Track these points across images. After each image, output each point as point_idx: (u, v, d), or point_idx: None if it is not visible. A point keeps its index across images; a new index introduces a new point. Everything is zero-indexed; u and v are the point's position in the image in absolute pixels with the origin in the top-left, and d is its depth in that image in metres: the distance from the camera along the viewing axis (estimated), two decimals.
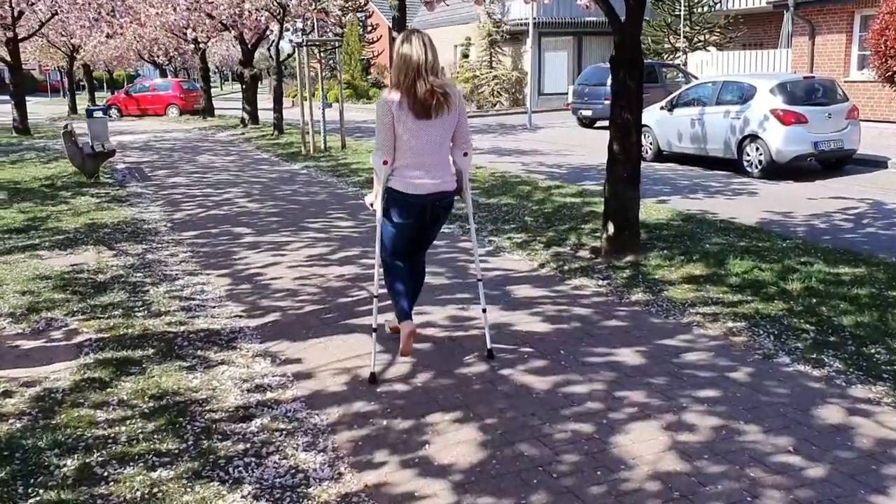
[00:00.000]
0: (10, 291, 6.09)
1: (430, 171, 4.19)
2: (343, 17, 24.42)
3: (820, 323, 5.00)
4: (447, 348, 4.77)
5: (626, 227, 6.94)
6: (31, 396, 4.08)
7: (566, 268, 6.56)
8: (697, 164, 13.22)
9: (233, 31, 22.18)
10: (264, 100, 28.13)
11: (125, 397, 4.05)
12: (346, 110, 17.75)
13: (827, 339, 4.72)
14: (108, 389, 4.15)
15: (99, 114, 14.46)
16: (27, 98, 51.10)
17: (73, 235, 8.20)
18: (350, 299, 5.80)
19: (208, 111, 29.65)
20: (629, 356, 4.57)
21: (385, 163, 4.19)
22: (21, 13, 20.84)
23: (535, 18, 26.42)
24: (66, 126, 13.21)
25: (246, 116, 23.85)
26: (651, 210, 8.76)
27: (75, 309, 5.60)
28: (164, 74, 41.92)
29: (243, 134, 21.88)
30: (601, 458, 3.38)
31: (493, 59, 32.81)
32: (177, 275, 6.60)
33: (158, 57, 37.23)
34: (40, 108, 39.69)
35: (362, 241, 7.76)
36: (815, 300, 5.43)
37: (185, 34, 24.44)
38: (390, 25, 45.61)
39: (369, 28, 45.58)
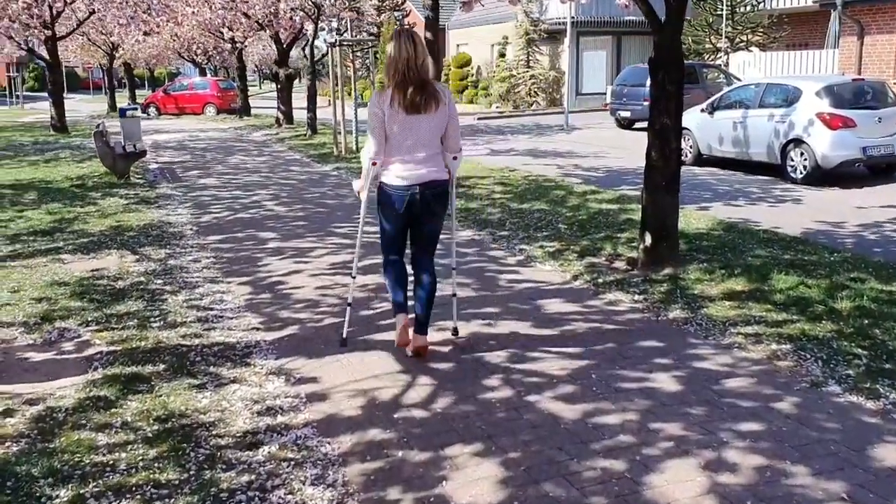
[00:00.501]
0: (26, 298, 5.95)
1: (419, 163, 4.40)
2: (379, 17, 24.19)
3: (873, 347, 4.65)
4: (470, 368, 4.50)
5: (663, 238, 6.61)
6: (32, 416, 3.90)
7: (600, 280, 6.26)
8: (738, 169, 12.79)
9: (268, 31, 22.14)
10: (300, 99, 28.03)
11: (129, 419, 3.84)
12: None
13: (882, 366, 4.37)
14: (113, 410, 3.95)
15: (132, 113, 14.39)
16: (70, 95, 51.94)
17: (97, 239, 8.08)
18: (372, 312, 5.56)
19: (244, 110, 29.71)
20: (666, 381, 4.26)
21: (374, 163, 4.44)
22: (60, 12, 20.99)
23: (573, 18, 26.05)
24: (98, 125, 13.19)
25: (280, 116, 23.81)
26: (690, 218, 8.40)
27: (90, 318, 5.43)
28: (203, 73, 42.19)
29: (277, 134, 21.82)
30: (633, 502, 3.09)
31: (530, 58, 32.45)
32: (197, 282, 6.42)
33: (197, 56, 37.46)
34: (82, 106, 40.24)
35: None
36: (867, 321, 5.06)
37: (222, 33, 24.50)
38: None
39: (407, 27, 45.40)
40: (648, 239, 6.61)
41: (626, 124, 21.87)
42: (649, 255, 6.61)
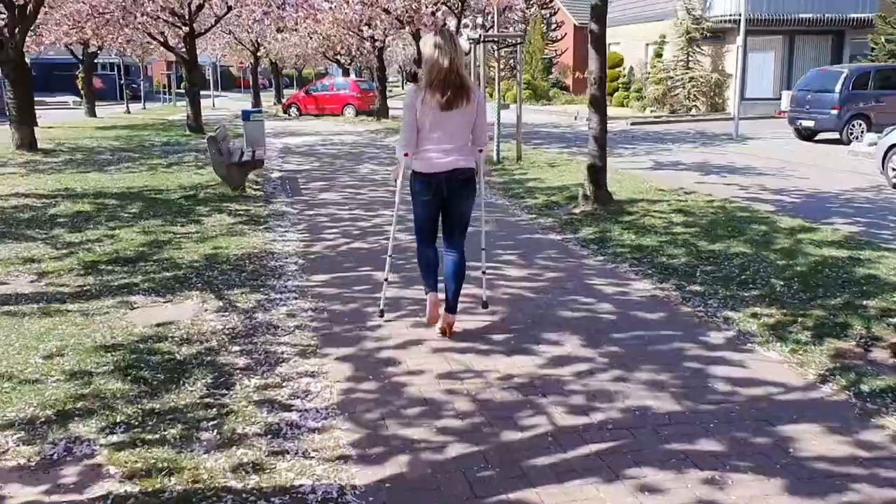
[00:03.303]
0: (58, 370, 4.43)
1: (447, 153, 4.71)
2: (527, 12, 22.32)
3: None
4: None
5: None
6: None
7: (865, 388, 4.12)
8: None
9: (408, 28, 20.72)
10: None
11: None
12: (524, 112, 15.63)
13: None
14: None
15: (256, 116, 13.16)
16: (223, 94, 53.18)
17: (183, 273, 6.59)
18: (523, 435, 3.66)
19: (382, 112, 28.51)
20: None
21: (406, 154, 4.80)
22: (200, 7, 20.36)
23: (741, 14, 23.28)
24: (216, 128, 11.98)
25: None
26: None
27: (119, 418, 3.81)
28: (346, 73, 41.68)
29: None
30: None
31: (690, 58, 29.71)
32: (283, 354, 4.73)
33: (340, 56, 36.78)
34: (231, 104, 40.46)
35: (542, 306, 5.63)
36: None
37: (361, 31, 23.31)
38: (576, 23, 43.25)
39: (553, 26, 43.38)
40: None
41: (807, 135, 19.06)
42: None
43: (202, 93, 24.85)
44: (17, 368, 4.48)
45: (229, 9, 20.50)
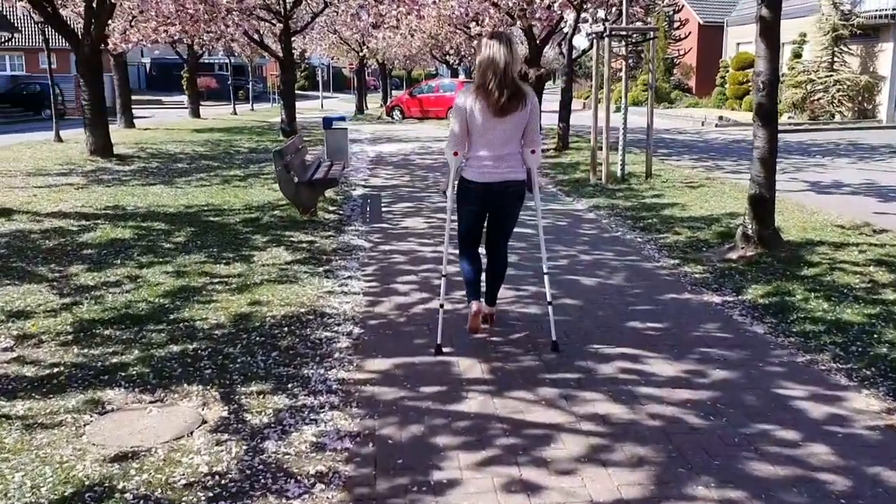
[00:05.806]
0: None
1: (499, 161, 4.55)
2: (659, 3, 19.90)
3: None
4: None
5: None
6: None
7: None
8: None
9: (520, 24, 18.63)
10: (551, 102, 24.32)
11: None
12: (644, 116, 13.30)
13: None
14: None
15: (339, 124, 11.43)
16: (334, 95, 52.63)
17: (195, 348, 4.79)
18: None
19: None
20: None
21: (455, 154, 4.61)
22: (297, 2, 18.95)
23: None
24: (290, 139, 10.29)
25: None
26: None
27: None
28: (455, 74, 40.03)
29: None
30: None
31: (835, 59, 26.50)
32: None
33: (449, 56, 35.09)
34: (340, 105, 39.52)
35: (716, 448, 3.51)
36: None
37: (468, 28, 21.39)
38: (700, 22, 40.14)
39: (677, 24, 40.46)
40: None
41: None
42: None
43: (310, 93, 23.62)
44: None
45: (326, 5, 19.00)
